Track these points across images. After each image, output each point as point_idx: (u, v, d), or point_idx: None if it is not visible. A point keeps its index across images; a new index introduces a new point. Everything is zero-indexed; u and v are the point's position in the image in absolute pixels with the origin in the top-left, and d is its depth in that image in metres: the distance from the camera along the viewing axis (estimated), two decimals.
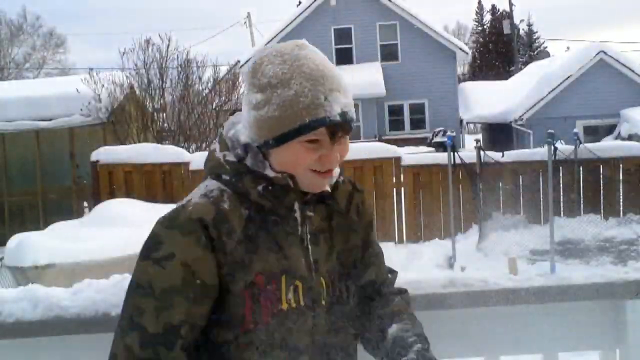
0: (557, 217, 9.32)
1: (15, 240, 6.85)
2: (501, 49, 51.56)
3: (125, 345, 1.21)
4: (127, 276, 1.70)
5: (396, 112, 24.50)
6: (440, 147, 18.00)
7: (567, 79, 20.38)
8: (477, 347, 1.74)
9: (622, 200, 10.14)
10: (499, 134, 23.97)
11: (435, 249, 9.15)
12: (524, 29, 52.71)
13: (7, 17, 41.72)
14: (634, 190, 10.00)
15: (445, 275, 1.74)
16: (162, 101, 13.43)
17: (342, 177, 1.45)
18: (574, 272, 1.80)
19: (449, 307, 1.67)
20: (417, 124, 24.48)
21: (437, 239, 9.76)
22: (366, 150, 9.82)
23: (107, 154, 9.98)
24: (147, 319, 1.20)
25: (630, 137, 17.35)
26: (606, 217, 10.13)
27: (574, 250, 8.91)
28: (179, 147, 11.39)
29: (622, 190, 10.11)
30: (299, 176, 1.31)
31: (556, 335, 1.73)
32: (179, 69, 13.57)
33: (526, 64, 37.23)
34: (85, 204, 9.17)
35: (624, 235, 9.49)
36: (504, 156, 10.30)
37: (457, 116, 24.41)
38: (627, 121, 19.35)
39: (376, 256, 1.51)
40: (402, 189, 9.91)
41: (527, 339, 1.74)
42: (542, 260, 8.31)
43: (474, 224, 10.01)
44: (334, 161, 1.31)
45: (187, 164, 9.82)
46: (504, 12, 48.21)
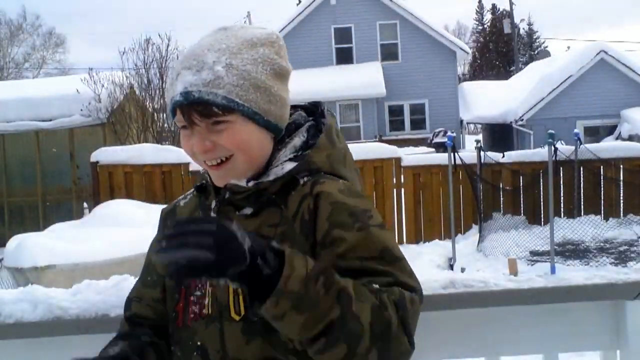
0: (557, 218, 9.32)
1: (14, 241, 6.84)
2: (501, 49, 51.60)
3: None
4: (127, 277, 1.71)
5: (396, 112, 24.50)
6: (440, 147, 17.99)
7: (568, 79, 20.39)
8: (477, 348, 1.74)
9: (622, 200, 10.15)
10: (499, 135, 23.99)
11: (435, 250, 9.15)
12: (524, 29, 52.77)
13: (7, 16, 41.75)
14: (635, 190, 10.00)
15: (445, 276, 1.73)
16: (162, 101, 13.44)
17: (306, 176, 1.22)
18: (574, 273, 1.80)
19: (449, 308, 1.67)
20: (418, 124, 24.48)
21: (437, 240, 9.77)
22: (366, 150, 9.81)
23: (107, 154, 9.97)
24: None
25: (630, 138, 17.35)
26: (606, 218, 10.13)
27: (574, 251, 8.91)
28: (179, 147, 11.37)
29: (622, 190, 10.11)
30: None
31: (556, 335, 1.73)
32: None
33: (526, 63, 37.26)
34: (85, 205, 9.16)
35: (624, 236, 9.49)
36: (504, 157, 10.30)
37: (457, 116, 24.40)
38: (627, 121, 19.36)
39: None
40: (402, 190, 9.91)
41: (527, 339, 1.74)
42: (542, 261, 8.31)
43: (474, 225, 10.02)
44: (201, 150, 1.16)
45: (187, 165, 9.80)
46: (504, 12, 48.25)
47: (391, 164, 9.84)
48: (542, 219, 9.90)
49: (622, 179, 10.07)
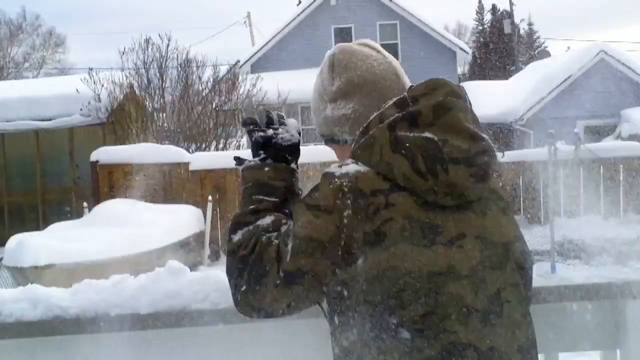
0: (557, 217, 9.32)
1: (14, 240, 6.84)
2: (501, 49, 51.53)
3: None
4: (126, 276, 1.70)
5: None
6: None
7: (568, 79, 20.37)
8: None
9: (622, 200, 10.15)
10: (499, 134, 23.98)
11: None
12: (524, 29, 52.77)
13: (7, 16, 41.72)
14: (635, 190, 10.01)
15: None
16: (162, 101, 13.44)
17: None
18: (575, 272, 1.80)
19: None
20: None
21: None
22: None
23: (106, 154, 9.98)
24: None
25: (630, 138, 17.33)
26: (606, 217, 10.13)
27: (574, 250, 8.91)
28: (179, 147, 11.39)
29: (622, 190, 10.11)
30: None
31: (556, 335, 1.73)
32: (179, 69, 13.57)
33: (526, 63, 37.23)
34: (85, 204, 9.15)
35: (625, 235, 9.48)
36: (504, 156, 10.26)
37: None
38: (627, 121, 19.34)
39: None
40: None
41: None
42: (543, 260, 8.31)
43: None
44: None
45: (187, 164, 9.81)
46: (505, 12, 48.23)
47: None
48: (542, 219, 9.91)
49: (622, 178, 10.07)
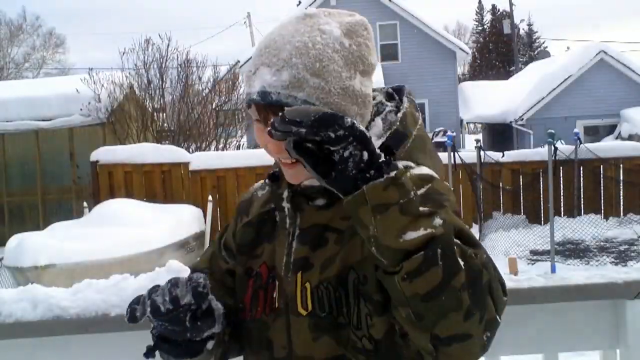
0: (557, 217, 9.33)
1: (15, 240, 6.84)
2: (501, 49, 51.57)
3: None
4: (127, 276, 1.71)
5: None
6: (440, 147, 17.97)
7: (567, 79, 20.39)
8: None
9: (622, 200, 10.16)
10: (499, 134, 23.98)
11: None
12: (524, 29, 52.80)
13: (7, 16, 41.75)
14: (635, 190, 10.01)
15: None
16: (162, 101, 13.44)
17: None
18: (574, 272, 1.80)
19: None
20: None
21: None
22: None
23: (106, 154, 9.97)
24: None
25: (630, 137, 17.36)
26: (606, 217, 10.14)
27: (574, 250, 8.91)
28: (179, 147, 11.39)
29: (622, 190, 10.12)
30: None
31: (556, 335, 1.73)
32: (179, 69, 13.58)
33: (526, 64, 37.28)
34: (85, 204, 9.14)
35: (624, 235, 9.50)
36: (504, 156, 10.31)
37: (457, 116, 24.40)
38: (627, 121, 19.35)
39: None
40: None
41: (527, 339, 1.74)
42: (543, 260, 8.32)
43: (474, 224, 10.01)
44: (275, 150, 1.08)
45: (186, 164, 9.81)
46: (504, 12, 48.26)
47: None
48: (542, 218, 9.91)
49: (622, 178, 10.08)
